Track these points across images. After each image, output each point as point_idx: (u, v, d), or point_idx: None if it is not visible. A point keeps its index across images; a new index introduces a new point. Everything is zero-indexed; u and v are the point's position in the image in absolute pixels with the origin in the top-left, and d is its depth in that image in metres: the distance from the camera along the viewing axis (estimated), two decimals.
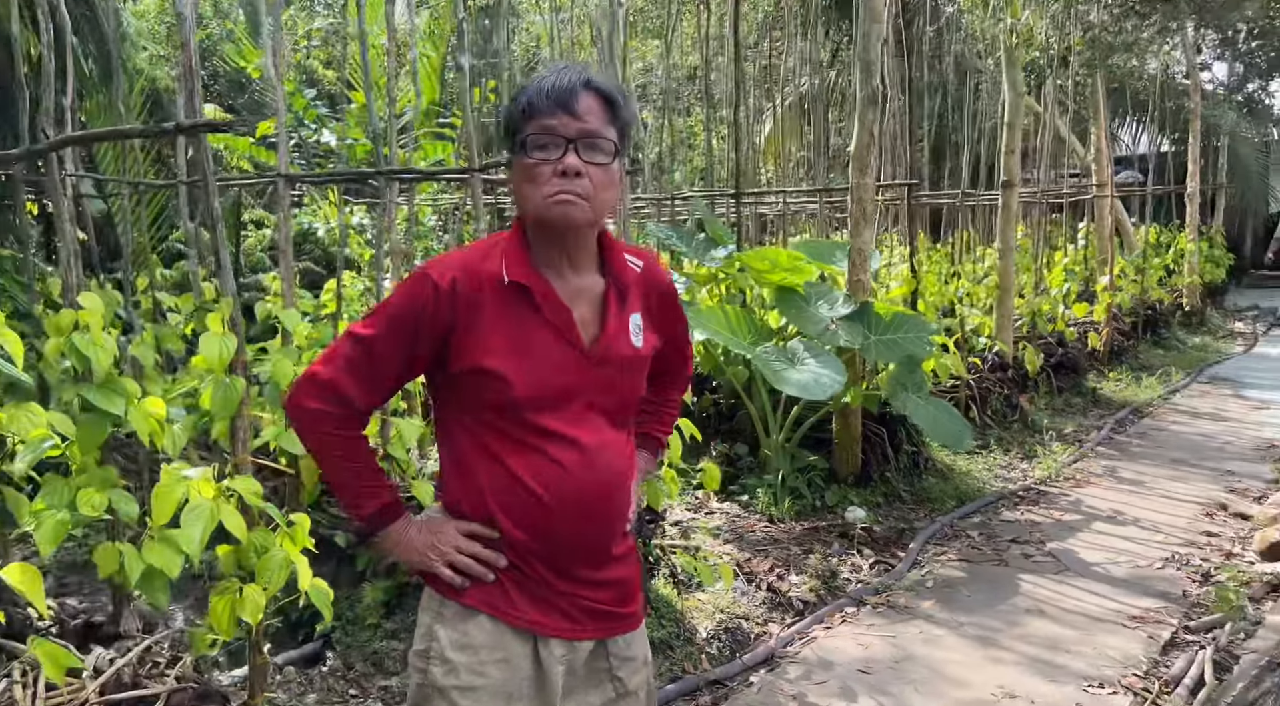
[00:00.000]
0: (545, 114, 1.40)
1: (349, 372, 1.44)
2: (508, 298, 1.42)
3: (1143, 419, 7.02)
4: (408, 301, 1.43)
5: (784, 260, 4.86)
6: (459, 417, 1.47)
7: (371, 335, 1.44)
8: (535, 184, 1.40)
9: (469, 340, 1.41)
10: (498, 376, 1.40)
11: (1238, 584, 3.71)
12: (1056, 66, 8.59)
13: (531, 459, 1.43)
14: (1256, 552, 3.99)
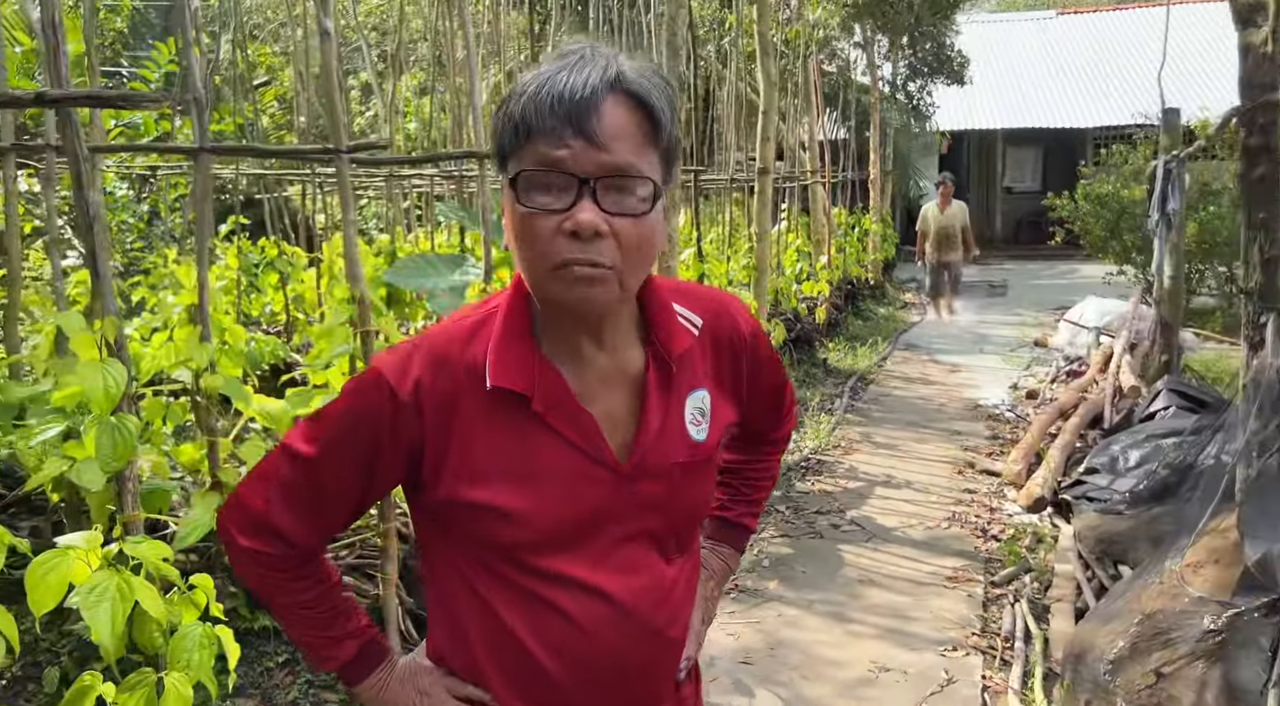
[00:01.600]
0: (548, 137, 0.93)
1: (285, 502, 1.06)
2: (498, 401, 1.02)
3: (869, 386, 7.83)
4: (355, 415, 1.04)
5: None
6: (444, 552, 1.11)
7: (311, 456, 1.05)
8: (534, 244, 0.95)
9: (449, 463, 1.02)
10: (493, 512, 1.02)
11: (1013, 537, 4.26)
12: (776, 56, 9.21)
13: (537, 614, 1.06)
14: (1021, 506, 4.61)
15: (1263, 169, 3.06)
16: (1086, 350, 8.04)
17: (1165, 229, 5.36)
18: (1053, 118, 17.41)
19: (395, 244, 5.52)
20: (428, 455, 1.03)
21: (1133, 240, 9.37)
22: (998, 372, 8.20)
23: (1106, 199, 9.62)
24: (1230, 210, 8.41)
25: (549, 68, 0.95)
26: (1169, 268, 5.49)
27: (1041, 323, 10.48)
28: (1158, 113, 6.19)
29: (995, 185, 19.28)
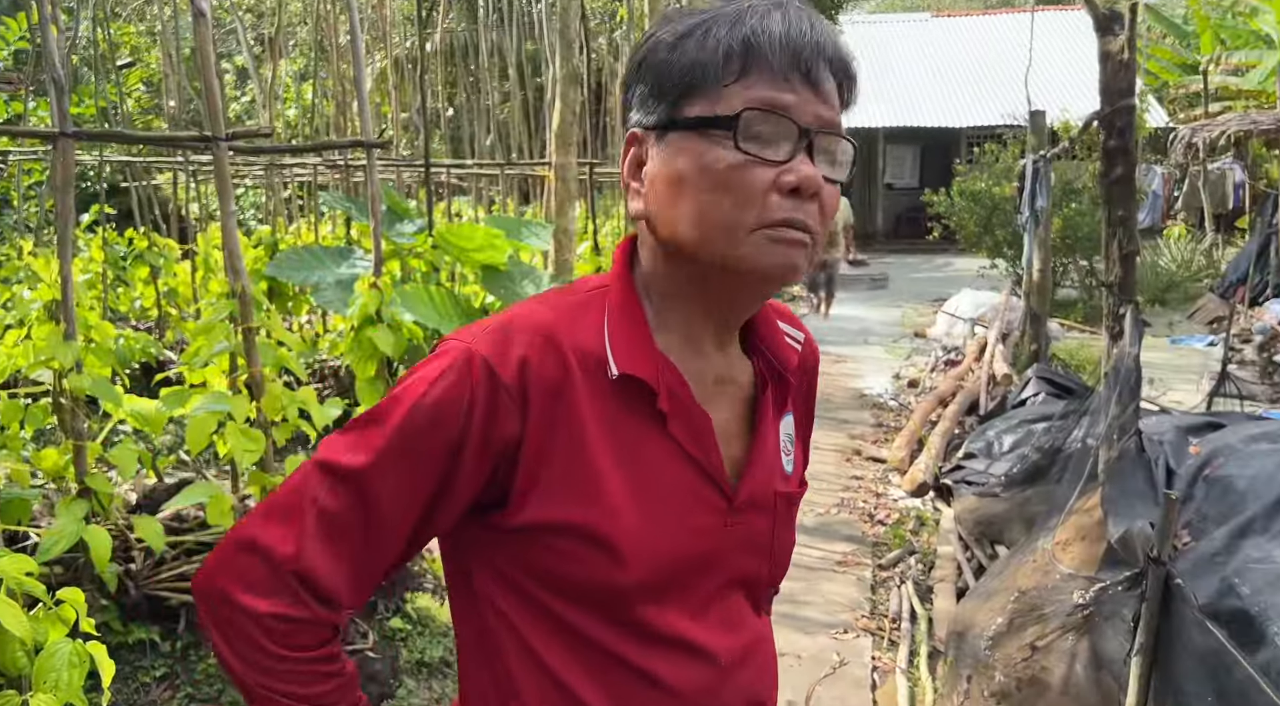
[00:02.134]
0: (777, 77, 0.80)
1: (326, 541, 0.80)
2: (616, 398, 0.83)
3: None
4: (437, 405, 0.80)
5: (481, 237, 4.66)
6: (501, 600, 0.86)
7: (365, 468, 0.80)
8: (741, 199, 0.80)
9: (549, 471, 0.81)
10: (597, 541, 0.81)
11: (898, 521, 4.44)
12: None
13: (631, 692, 0.85)
14: (905, 491, 4.80)
15: (1121, 169, 3.27)
16: (963, 340, 8.43)
17: (1034, 225, 5.67)
18: (929, 117, 18.15)
19: (276, 236, 5.30)
20: (524, 460, 0.81)
21: (1004, 235, 9.88)
22: (881, 363, 8.50)
23: (979, 195, 10.11)
24: (1090, 207, 8.97)
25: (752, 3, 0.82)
26: (1037, 261, 5.82)
27: (921, 314, 10.93)
28: (1025, 114, 6.55)
29: (876, 182, 19.98)
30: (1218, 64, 14.27)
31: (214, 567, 0.84)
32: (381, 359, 2.91)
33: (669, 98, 0.83)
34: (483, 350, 0.81)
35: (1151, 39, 18.49)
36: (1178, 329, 9.37)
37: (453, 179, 8.05)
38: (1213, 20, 14.79)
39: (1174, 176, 13.31)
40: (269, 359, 2.61)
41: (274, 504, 0.84)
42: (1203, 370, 7.26)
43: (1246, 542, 2.50)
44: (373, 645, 2.69)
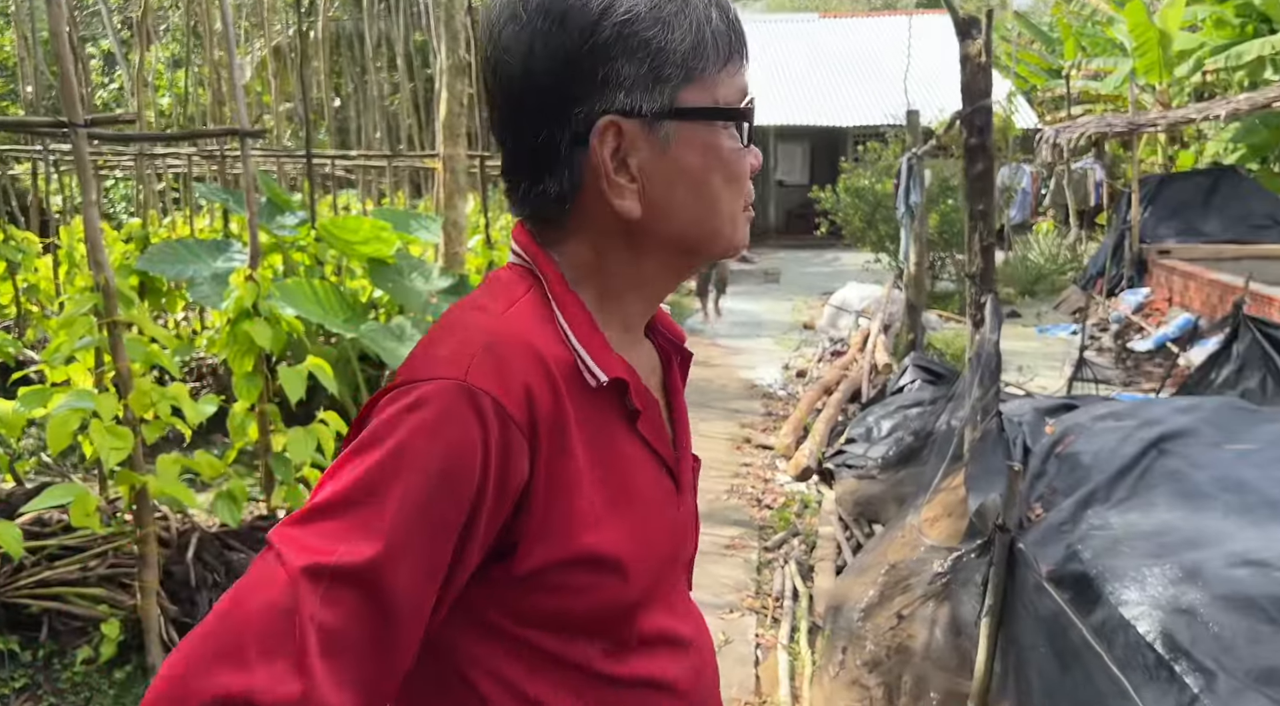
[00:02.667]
0: (741, 64, 0.80)
1: (342, 666, 0.64)
2: (589, 408, 0.77)
3: None
4: (452, 459, 0.67)
5: (367, 230, 4.59)
6: (476, 667, 0.76)
7: (380, 557, 0.65)
8: (741, 188, 0.81)
9: (557, 505, 0.73)
10: (606, 565, 0.76)
11: (784, 504, 4.59)
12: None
13: (641, 700, 0.81)
14: (791, 476, 4.96)
15: (980, 166, 3.48)
16: (848, 332, 8.75)
17: (909, 220, 5.94)
18: (818, 116, 18.68)
19: (148, 228, 5.07)
20: (535, 500, 0.72)
21: (886, 230, 10.29)
22: (772, 354, 8.74)
23: (863, 192, 10.50)
24: (965, 203, 9.42)
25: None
26: (913, 255, 6.10)
27: (810, 307, 11.26)
28: (905, 113, 6.86)
29: (769, 178, 20.44)
30: (1079, 69, 15.20)
31: None
32: (259, 353, 2.84)
33: (670, 83, 0.75)
34: (484, 385, 0.69)
35: (1021, 44, 19.54)
36: (1045, 319, 9.96)
37: (339, 171, 7.85)
38: (1075, 28, 15.75)
39: (1041, 175, 14.12)
40: (138, 355, 2.51)
41: (242, 634, 0.63)
42: (1065, 357, 7.74)
43: (1089, 512, 2.71)
44: None
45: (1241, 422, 3.25)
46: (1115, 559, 2.37)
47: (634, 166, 0.77)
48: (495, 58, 0.78)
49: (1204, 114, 10.31)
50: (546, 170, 0.78)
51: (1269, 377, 5.22)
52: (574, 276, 0.81)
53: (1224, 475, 2.71)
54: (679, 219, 0.79)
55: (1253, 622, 2.06)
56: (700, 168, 0.78)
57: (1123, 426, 3.19)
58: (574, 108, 0.75)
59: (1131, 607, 2.18)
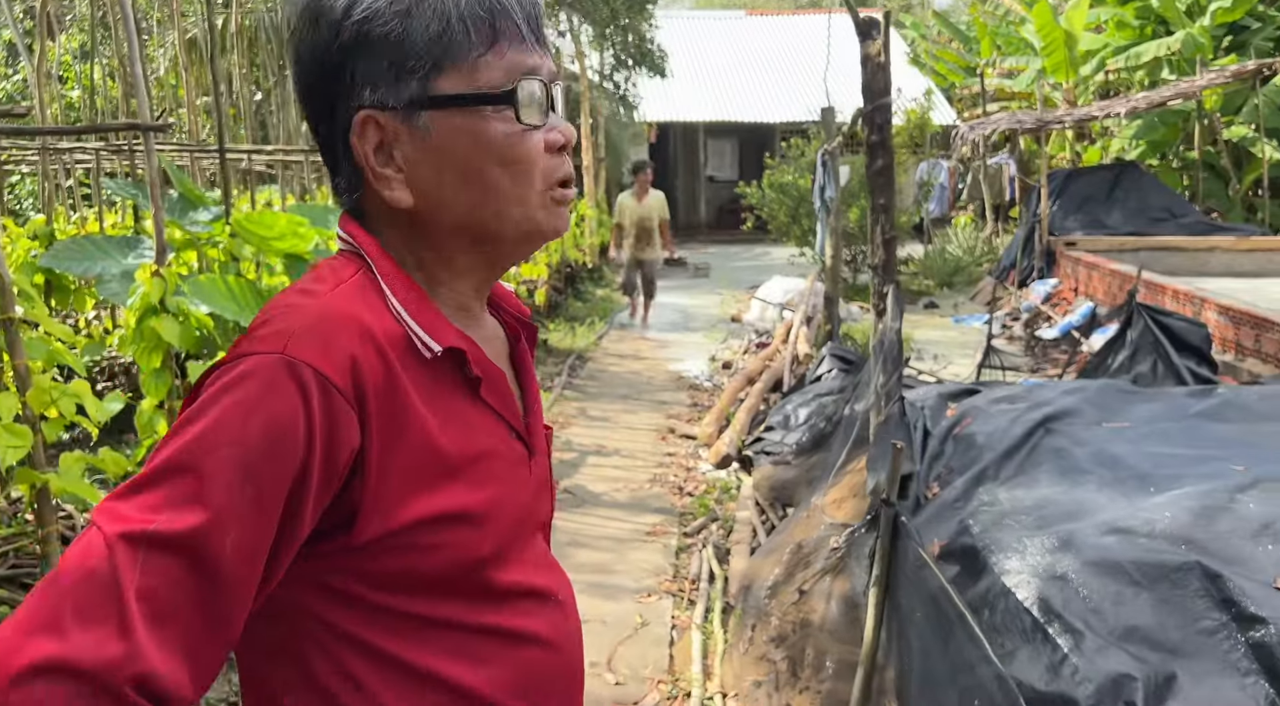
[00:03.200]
0: (522, 41, 0.81)
1: (164, 629, 0.65)
2: (429, 377, 0.80)
3: (586, 363, 8.18)
4: (272, 429, 0.70)
5: (284, 226, 4.55)
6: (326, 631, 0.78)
7: (203, 525, 0.67)
8: (527, 169, 0.82)
9: (395, 471, 0.76)
10: (461, 519, 0.79)
11: (705, 491, 4.71)
12: None
13: (503, 655, 0.84)
14: (711, 464, 5.08)
15: (881, 162, 3.63)
16: (773, 324, 8.94)
17: (825, 214, 6.11)
18: (746, 112, 18.93)
19: (54, 224, 4.94)
20: (370, 469, 0.74)
21: (809, 225, 10.52)
22: (700, 347, 8.87)
23: (787, 187, 10.72)
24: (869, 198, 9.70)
25: None
26: (829, 248, 6.28)
27: (738, 300, 11.44)
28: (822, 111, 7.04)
29: (699, 174, 20.65)
30: (994, 67, 15.72)
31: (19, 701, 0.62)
32: (167, 350, 2.82)
33: (417, 74, 0.78)
34: (305, 356, 0.71)
35: (941, 42, 20.09)
36: (962, 309, 10.31)
37: (259, 166, 7.71)
38: (990, 28, 16.27)
39: (959, 170, 14.57)
40: (40, 353, 2.48)
41: (58, 605, 0.64)
42: (979, 345, 8.04)
43: (980, 489, 2.87)
44: None
45: (1121, 402, 3.46)
46: (1000, 532, 2.53)
47: (399, 158, 0.80)
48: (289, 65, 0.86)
49: (1106, 112, 10.79)
50: (333, 166, 0.85)
51: (1159, 361, 5.53)
52: (400, 259, 0.84)
53: (1100, 451, 2.90)
54: (454, 206, 0.82)
55: (1119, 586, 2.23)
56: (467, 154, 0.80)
57: (1015, 408, 3.38)
58: (335, 106, 0.80)
59: (1012, 576, 2.33)
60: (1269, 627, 2.06)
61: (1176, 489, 2.59)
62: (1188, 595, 2.19)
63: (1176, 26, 12.78)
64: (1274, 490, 2.55)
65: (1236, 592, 2.13)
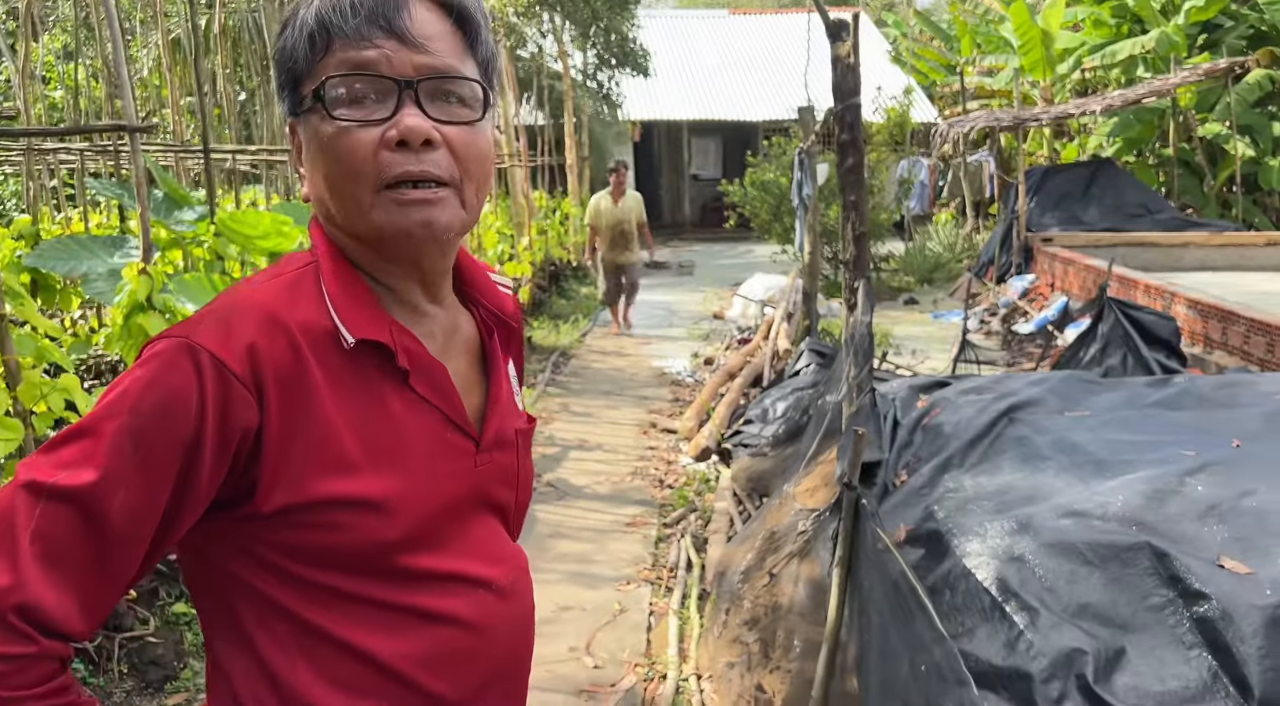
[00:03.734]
0: (354, 40, 0.83)
1: (48, 567, 0.75)
2: (350, 367, 0.86)
3: (571, 360, 8.26)
4: (160, 406, 0.77)
5: (268, 225, 4.61)
6: (251, 592, 0.86)
7: (93, 483, 0.76)
8: (351, 165, 0.84)
9: (299, 452, 0.82)
10: (362, 505, 0.84)
11: (685, 483, 4.80)
12: None
13: (415, 631, 0.89)
14: (691, 457, 5.18)
15: (852, 160, 3.72)
16: (755, 320, 9.05)
17: (803, 211, 6.22)
18: (729, 111, 19.03)
19: (39, 225, 4.98)
20: (268, 447, 0.81)
21: (791, 222, 10.62)
22: (683, 343, 8.96)
23: (768, 185, 10.82)
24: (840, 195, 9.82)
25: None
26: (807, 245, 6.38)
27: (721, 297, 11.54)
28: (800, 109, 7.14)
29: (683, 172, 20.74)
30: (974, 66, 15.88)
31: None
32: None
33: (288, 87, 0.88)
34: (204, 342, 0.79)
35: (922, 41, 20.26)
36: (941, 305, 10.44)
37: (243, 166, 7.75)
38: (970, 26, 16.43)
39: (939, 167, 14.72)
40: (29, 350, 2.55)
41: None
42: (956, 340, 8.18)
43: (946, 476, 2.97)
44: (154, 630, 2.71)
45: (1082, 392, 3.58)
46: (963, 517, 2.63)
47: (304, 157, 0.90)
48: None
49: (1083, 109, 10.95)
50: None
51: (1129, 355, 5.66)
52: (347, 255, 0.90)
53: (1060, 438, 3.00)
54: (317, 202, 0.91)
55: (1073, 565, 2.33)
56: (312, 155, 0.88)
57: (982, 399, 3.48)
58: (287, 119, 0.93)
59: (973, 558, 2.43)
60: (1212, 603, 2.16)
61: (1130, 473, 2.69)
62: (1137, 574, 2.29)
63: (1151, 25, 12.97)
64: (1221, 474, 2.66)
65: (1183, 571, 2.22)
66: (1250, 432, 2.91)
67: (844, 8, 22.51)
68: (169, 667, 2.68)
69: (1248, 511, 2.38)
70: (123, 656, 2.58)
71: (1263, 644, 2.00)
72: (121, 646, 2.59)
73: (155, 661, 2.65)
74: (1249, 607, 2.04)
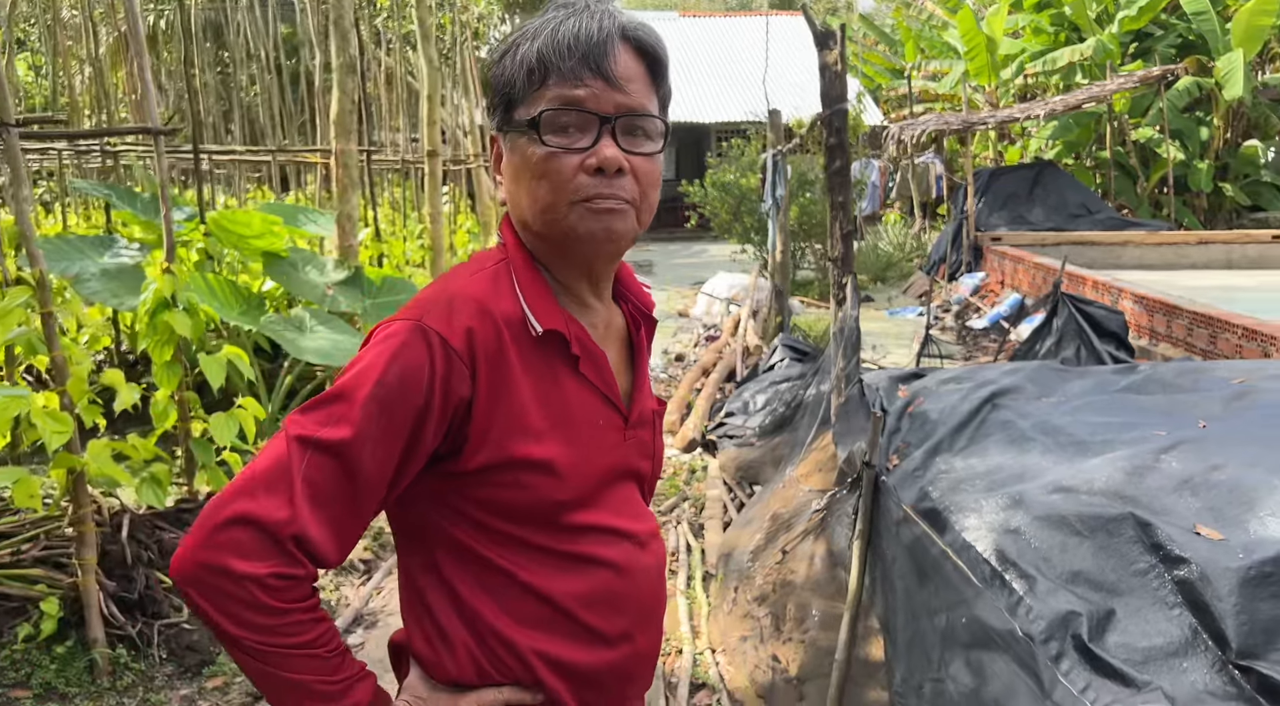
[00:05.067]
0: (568, 79, 0.98)
1: (316, 504, 0.91)
2: (536, 351, 1.01)
3: None
4: (401, 376, 0.93)
5: (259, 224, 4.65)
6: (450, 539, 1.02)
7: (346, 440, 0.92)
8: (556, 182, 0.98)
9: (499, 419, 0.98)
10: (543, 468, 0.99)
11: (674, 474, 4.96)
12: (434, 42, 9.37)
13: (586, 575, 1.04)
14: (678, 449, 5.34)
15: (839, 162, 3.93)
16: (720, 318, 9.26)
17: (775, 212, 6.43)
18: (682, 113, 19.24)
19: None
20: (476, 414, 0.97)
21: (751, 222, 10.87)
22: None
23: (729, 186, 11.04)
24: (822, 196, 10.12)
25: (553, 14, 1.00)
26: (779, 244, 6.60)
27: (684, 296, 11.74)
28: (765, 112, 7.36)
29: None
30: (919, 70, 16.36)
31: (198, 548, 0.90)
32: (178, 342, 2.94)
33: (501, 107, 1.03)
34: (435, 325, 0.95)
35: (868, 45, 20.76)
36: (895, 302, 10.79)
37: (203, 166, 7.68)
38: (914, 32, 16.93)
39: (889, 169, 15.14)
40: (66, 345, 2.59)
41: (253, 481, 0.92)
42: (913, 336, 8.49)
43: (937, 459, 3.19)
44: (188, 617, 2.77)
45: (1055, 380, 3.83)
46: (958, 495, 2.84)
47: (504, 167, 1.06)
48: None
49: (1026, 113, 11.41)
50: None
51: (1082, 347, 5.99)
52: (534, 253, 1.06)
53: (1042, 422, 3.24)
54: (515, 207, 1.06)
55: (1064, 536, 2.54)
56: (519, 168, 1.02)
57: (962, 388, 3.71)
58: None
59: (971, 532, 2.63)
60: (1190, 566, 2.39)
61: (1110, 452, 2.93)
62: (1123, 542, 2.51)
63: (1088, 33, 13.55)
64: (1191, 451, 2.92)
65: (1164, 538, 2.45)
66: (1213, 414, 3.17)
67: (786, 12, 22.92)
68: (205, 653, 2.74)
69: (1217, 484, 2.62)
70: (161, 642, 2.64)
71: (1237, 601, 2.23)
72: (160, 632, 2.65)
73: (192, 647, 2.71)
74: (1224, 569, 2.27)
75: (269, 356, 5.15)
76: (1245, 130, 13.61)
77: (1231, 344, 5.88)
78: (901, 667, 2.33)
